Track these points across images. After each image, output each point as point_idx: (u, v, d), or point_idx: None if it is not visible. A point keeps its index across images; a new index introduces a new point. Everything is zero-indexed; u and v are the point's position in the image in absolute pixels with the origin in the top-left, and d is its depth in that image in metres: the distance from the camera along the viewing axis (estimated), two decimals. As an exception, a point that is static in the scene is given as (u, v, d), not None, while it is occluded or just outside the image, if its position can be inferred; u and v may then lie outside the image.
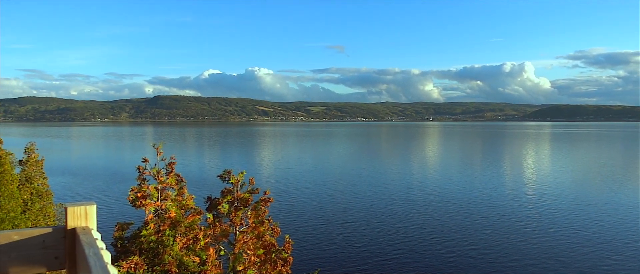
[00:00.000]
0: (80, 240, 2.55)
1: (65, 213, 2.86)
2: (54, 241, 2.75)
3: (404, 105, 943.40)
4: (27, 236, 2.67)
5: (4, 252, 2.58)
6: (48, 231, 2.75)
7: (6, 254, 2.59)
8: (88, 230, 2.77)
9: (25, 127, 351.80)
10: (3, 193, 23.75)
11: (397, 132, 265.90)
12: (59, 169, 67.54)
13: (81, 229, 2.74)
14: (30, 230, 2.73)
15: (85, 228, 2.82)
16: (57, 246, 2.75)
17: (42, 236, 2.72)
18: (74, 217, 2.79)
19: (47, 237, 2.73)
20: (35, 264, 2.72)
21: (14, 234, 2.65)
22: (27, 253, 2.65)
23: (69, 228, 2.78)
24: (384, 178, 61.01)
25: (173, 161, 9.50)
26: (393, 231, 33.77)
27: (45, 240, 2.72)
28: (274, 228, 9.54)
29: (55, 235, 2.76)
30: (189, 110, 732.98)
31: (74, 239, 2.73)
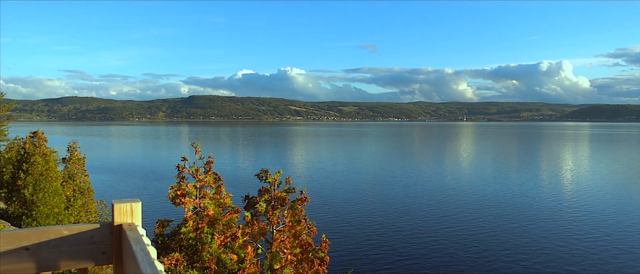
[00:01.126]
0: (127, 236, 2.61)
1: (112, 209, 2.88)
2: (101, 236, 2.81)
3: (437, 105, 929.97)
4: (77, 231, 2.73)
5: (55, 246, 2.65)
6: (96, 226, 2.81)
7: (57, 249, 2.66)
8: (134, 226, 2.79)
9: (68, 126, 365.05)
10: (48, 189, 24.73)
11: (430, 132, 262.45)
12: (99, 166, 69.74)
13: (127, 225, 2.80)
14: (79, 226, 2.74)
15: (131, 224, 2.83)
16: (104, 241, 2.81)
17: (91, 231, 2.78)
18: (121, 213, 2.79)
19: (95, 232, 2.79)
20: (83, 259, 2.77)
21: (64, 229, 2.72)
22: (76, 247, 2.72)
23: (116, 224, 2.78)
24: (417, 179, 60.34)
25: (211, 159, 9.65)
26: (427, 231, 33.35)
27: (93, 236, 2.79)
28: (310, 227, 9.56)
29: (102, 231, 2.82)
30: (223, 110, 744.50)
31: (120, 235, 2.80)
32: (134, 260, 2.30)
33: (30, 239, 2.59)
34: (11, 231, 2.61)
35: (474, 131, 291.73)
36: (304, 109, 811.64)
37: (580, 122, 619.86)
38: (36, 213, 23.84)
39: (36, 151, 24.94)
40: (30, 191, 23.99)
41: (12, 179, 25.56)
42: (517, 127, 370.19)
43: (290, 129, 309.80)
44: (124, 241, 2.70)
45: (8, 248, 2.54)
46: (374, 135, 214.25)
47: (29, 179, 24.15)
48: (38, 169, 24.37)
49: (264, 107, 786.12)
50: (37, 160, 24.52)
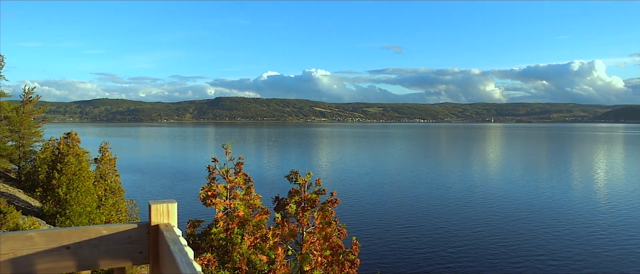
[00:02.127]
0: (164, 236, 2.64)
1: (149, 210, 2.92)
2: (138, 236, 2.85)
3: (463, 106, 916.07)
4: (115, 230, 2.78)
5: (95, 245, 2.70)
6: (133, 226, 2.85)
7: (97, 248, 2.71)
8: (170, 227, 2.83)
9: (99, 127, 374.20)
10: (81, 189, 25.34)
11: (456, 133, 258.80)
12: (129, 167, 71.16)
13: (164, 225, 2.84)
14: (118, 226, 2.80)
15: (168, 224, 2.85)
16: (141, 241, 2.85)
17: (128, 231, 2.83)
18: (157, 214, 2.84)
19: (133, 232, 2.84)
20: (121, 258, 2.81)
21: (103, 229, 2.77)
22: (114, 246, 2.77)
23: (153, 225, 2.83)
24: (445, 180, 59.54)
25: (241, 161, 9.69)
26: (456, 235, 32.84)
27: (131, 235, 2.83)
28: (340, 229, 9.50)
29: (139, 231, 2.86)
30: (249, 111, 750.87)
31: (157, 235, 2.84)
32: (173, 261, 2.32)
33: (71, 238, 2.64)
34: (53, 230, 2.65)
35: (502, 132, 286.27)
36: (329, 111, 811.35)
37: (614, 124, 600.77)
38: (69, 212, 24.43)
39: (70, 151, 25.57)
40: (64, 190, 24.60)
41: (47, 178, 26.28)
42: (547, 129, 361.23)
43: (315, 130, 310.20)
44: (160, 241, 2.75)
45: (50, 247, 2.59)
46: (400, 136, 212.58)
47: (63, 179, 24.76)
48: (71, 169, 24.97)
49: (289, 108, 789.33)
50: (70, 160, 25.13)
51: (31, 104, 37.44)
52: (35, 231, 2.60)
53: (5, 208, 21.18)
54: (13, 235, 2.53)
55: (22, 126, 35.60)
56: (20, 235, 2.54)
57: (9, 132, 35.96)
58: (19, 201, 28.43)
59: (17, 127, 35.56)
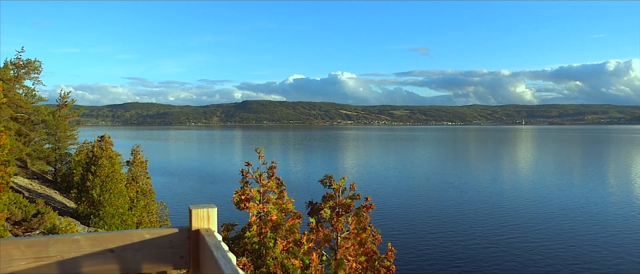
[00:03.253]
0: (206, 242, 2.63)
1: (189, 214, 2.92)
2: (179, 241, 2.86)
3: (493, 108, 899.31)
4: (157, 235, 2.80)
5: (137, 249, 2.74)
6: (174, 231, 2.86)
7: (139, 252, 2.75)
8: (211, 232, 2.82)
9: (130, 130, 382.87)
10: (113, 191, 25.88)
11: (486, 136, 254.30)
12: (158, 169, 72.44)
13: (204, 230, 2.84)
14: (159, 230, 2.83)
15: (209, 230, 2.87)
16: (182, 246, 2.86)
17: (169, 236, 2.84)
18: (198, 219, 2.87)
19: (174, 237, 2.85)
20: (162, 262, 2.84)
21: (146, 233, 2.80)
22: (156, 251, 2.79)
23: (193, 229, 2.85)
24: (477, 184, 58.44)
25: (274, 165, 9.70)
26: (491, 240, 32.14)
27: (172, 240, 2.84)
28: (375, 235, 9.39)
29: (180, 236, 2.87)
30: (275, 114, 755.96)
31: (197, 240, 2.85)
32: (217, 266, 2.34)
33: (115, 242, 2.69)
34: (98, 234, 2.71)
35: (534, 134, 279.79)
36: (355, 113, 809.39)
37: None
38: (103, 213, 24.97)
39: (103, 154, 26.15)
40: (97, 192, 25.15)
41: (82, 180, 26.92)
42: (581, 131, 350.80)
43: (342, 133, 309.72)
44: (202, 246, 2.75)
45: (95, 250, 2.64)
46: (428, 139, 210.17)
47: (97, 181, 25.33)
48: (105, 171, 25.52)
49: (315, 111, 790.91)
50: (104, 163, 25.69)
51: (66, 108, 38.52)
52: (82, 235, 2.66)
53: (42, 209, 21.79)
54: (61, 238, 2.59)
55: (58, 129, 36.65)
56: (68, 238, 2.60)
57: (46, 136, 37.06)
58: (55, 201, 29.23)
59: (54, 130, 36.62)
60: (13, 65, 34.39)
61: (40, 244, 2.53)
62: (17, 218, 20.15)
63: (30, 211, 21.18)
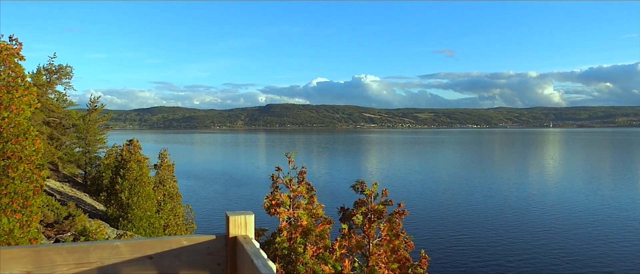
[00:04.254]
0: (244, 249, 2.62)
1: (226, 221, 2.92)
2: (216, 248, 2.86)
3: (519, 110, 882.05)
4: (195, 241, 2.81)
5: (176, 256, 2.74)
6: (212, 238, 2.87)
7: (178, 258, 2.75)
8: (249, 239, 2.81)
9: (157, 134, 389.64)
10: (141, 194, 26.26)
11: (513, 139, 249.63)
12: (184, 173, 73.35)
13: (242, 237, 2.83)
14: (197, 237, 2.84)
15: (246, 237, 2.87)
16: (220, 252, 2.87)
17: (207, 242, 2.85)
18: (235, 225, 2.86)
19: (211, 244, 2.85)
20: (200, 269, 2.84)
21: (184, 239, 2.81)
22: (194, 257, 2.80)
23: (231, 236, 2.85)
24: (507, 189, 57.24)
25: (304, 170, 9.64)
26: (522, 246, 31.39)
27: (209, 247, 2.85)
28: (407, 242, 9.22)
29: (218, 242, 2.87)
30: (299, 117, 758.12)
31: (234, 247, 2.84)
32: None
33: (154, 249, 2.70)
34: (137, 240, 2.72)
35: (562, 137, 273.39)
36: (378, 116, 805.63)
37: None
38: (131, 215, 25.35)
39: (131, 157, 26.59)
40: (126, 194, 25.56)
41: (111, 183, 27.42)
42: (612, 134, 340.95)
43: (366, 136, 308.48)
44: (240, 253, 2.75)
45: (134, 256, 2.66)
46: (454, 142, 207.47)
47: (125, 184, 25.74)
48: (133, 174, 25.93)
49: (338, 114, 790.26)
50: (132, 166, 26.11)
51: (96, 113, 39.37)
52: (121, 241, 2.67)
53: (74, 211, 22.26)
54: (101, 244, 2.62)
55: (88, 133, 37.47)
56: (108, 244, 2.62)
57: (77, 139, 37.94)
58: (85, 204, 29.85)
59: (84, 134, 37.46)
60: (46, 70, 35.33)
61: (82, 250, 2.57)
62: (49, 220, 20.62)
63: (62, 213, 21.66)
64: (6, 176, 10.90)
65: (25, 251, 2.46)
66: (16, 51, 11.88)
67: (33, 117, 27.42)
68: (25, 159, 11.27)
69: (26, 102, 11.73)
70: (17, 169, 11.07)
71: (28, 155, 11.32)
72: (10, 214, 10.86)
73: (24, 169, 11.26)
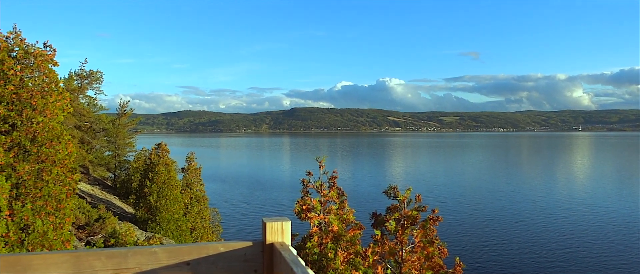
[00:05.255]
0: (282, 256, 2.61)
1: (263, 227, 2.90)
2: (253, 254, 2.85)
3: (547, 113, 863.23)
4: (232, 248, 2.80)
5: (212, 262, 2.75)
6: (249, 244, 2.85)
7: (214, 264, 2.75)
8: (286, 246, 2.79)
9: (183, 137, 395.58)
10: (169, 197, 26.57)
11: (541, 143, 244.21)
12: (210, 176, 74.09)
13: (279, 244, 2.82)
14: (233, 243, 2.82)
15: (283, 244, 2.84)
16: (256, 259, 2.85)
17: (244, 249, 2.84)
18: (272, 232, 2.84)
19: (248, 250, 2.84)
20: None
21: (220, 246, 2.80)
22: (231, 264, 2.79)
23: (267, 243, 2.83)
24: (538, 195, 55.87)
25: (335, 174, 9.54)
26: (555, 252, 30.56)
27: (246, 253, 2.84)
28: (441, 249, 9.00)
29: (254, 249, 2.86)
30: (323, 121, 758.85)
31: (271, 254, 2.83)
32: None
33: (191, 255, 2.71)
34: (175, 246, 2.73)
35: (593, 141, 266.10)
36: (403, 120, 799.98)
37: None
38: (159, 218, 25.66)
39: (160, 161, 26.94)
40: (154, 198, 25.89)
41: (140, 186, 27.82)
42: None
43: (390, 140, 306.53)
44: (277, 260, 2.72)
45: (172, 262, 2.67)
46: (480, 146, 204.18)
47: (154, 187, 26.08)
48: (161, 178, 26.26)
49: (363, 118, 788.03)
50: (160, 169, 26.44)
51: (126, 117, 40.12)
52: (159, 247, 2.69)
53: (104, 214, 22.67)
54: (139, 250, 2.65)
55: (118, 137, 38.19)
56: (146, 250, 2.65)
57: (106, 143, 38.71)
58: (115, 207, 30.38)
59: (113, 138, 38.20)
60: (77, 76, 36.19)
61: (120, 256, 2.60)
62: (80, 223, 21.04)
63: (92, 216, 22.07)
64: (40, 179, 11.11)
65: (65, 256, 2.51)
66: (50, 57, 12.13)
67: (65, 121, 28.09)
68: (58, 162, 11.48)
69: (60, 107, 11.96)
70: (51, 172, 11.27)
71: (61, 159, 11.53)
72: (44, 217, 11.06)
73: (58, 173, 11.46)
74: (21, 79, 11.35)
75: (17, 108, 11.11)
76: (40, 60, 11.80)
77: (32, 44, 11.83)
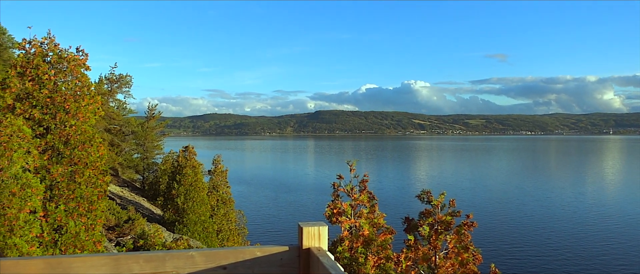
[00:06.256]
0: (320, 261, 2.60)
1: (299, 232, 2.89)
2: (289, 259, 2.85)
3: (577, 116, 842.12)
4: (268, 252, 2.80)
5: (249, 267, 2.75)
6: (285, 249, 2.85)
7: (251, 269, 2.76)
8: (323, 252, 2.77)
9: (209, 140, 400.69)
10: (196, 199, 26.82)
11: (571, 146, 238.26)
12: (235, 178, 74.68)
13: (316, 249, 2.81)
14: (270, 247, 2.82)
15: (320, 249, 2.82)
16: (292, 264, 2.85)
17: (280, 253, 2.83)
18: (309, 237, 2.83)
19: (284, 255, 2.84)
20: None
21: (257, 250, 2.80)
22: (267, 268, 2.79)
23: (304, 248, 2.82)
24: (571, 200, 54.40)
25: (366, 178, 9.44)
26: (590, 260, 29.67)
27: (282, 258, 2.84)
28: (475, 255, 8.79)
29: (291, 254, 2.86)
30: (347, 124, 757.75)
31: (308, 259, 2.83)
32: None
33: (228, 259, 2.73)
34: (212, 250, 2.76)
35: (625, 145, 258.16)
36: (428, 123, 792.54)
37: None
38: (186, 220, 25.91)
39: (187, 163, 27.23)
40: (181, 200, 26.17)
41: (167, 188, 28.17)
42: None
43: (416, 143, 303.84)
44: (315, 265, 2.72)
45: (209, 266, 2.69)
46: (509, 150, 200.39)
47: (181, 189, 26.36)
48: (188, 180, 26.52)
49: (387, 121, 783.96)
50: (188, 172, 26.72)
51: (154, 120, 40.81)
52: (196, 251, 2.71)
53: (133, 215, 23.04)
54: (177, 254, 2.68)
55: (146, 139, 38.85)
56: (183, 254, 2.68)
57: (135, 146, 39.42)
58: (144, 208, 30.86)
59: (142, 141, 38.88)
60: (107, 80, 37.00)
61: (158, 259, 2.63)
62: (110, 224, 21.41)
63: (122, 217, 22.44)
64: (73, 181, 11.33)
65: (105, 259, 2.57)
66: (82, 62, 12.38)
67: (96, 124, 28.73)
68: (90, 165, 11.69)
69: (91, 110, 12.19)
70: (83, 174, 11.49)
71: (93, 161, 11.74)
72: (76, 218, 11.28)
73: (90, 175, 11.68)
74: (55, 84, 11.61)
75: (51, 112, 11.37)
76: (73, 64, 12.05)
77: (65, 49, 12.10)
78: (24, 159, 8.59)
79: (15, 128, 8.62)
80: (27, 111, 10.59)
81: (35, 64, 11.17)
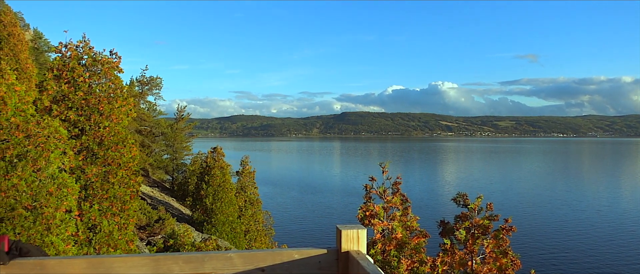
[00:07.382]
0: (360, 265, 2.58)
1: (338, 235, 2.85)
2: (327, 262, 2.83)
3: (611, 118, 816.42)
4: (306, 255, 2.79)
5: (287, 269, 2.76)
6: (323, 252, 2.83)
7: (289, 271, 2.76)
8: (363, 255, 2.73)
9: (236, 141, 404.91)
10: (224, 199, 27.05)
11: (606, 149, 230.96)
12: (263, 179, 74.97)
13: (355, 252, 2.78)
14: (308, 250, 2.80)
15: (359, 252, 2.77)
16: (330, 267, 2.83)
17: (318, 256, 2.82)
18: (348, 240, 2.79)
19: (322, 258, 2.83)
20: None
21: (295, 253, 2.81)
22: (305, 271, 2.79)
23: (343, 251, 2.78)
24: (607, 204, 52.68)
25: (399, 180, 9.26)
26: (628, 265, 28.63)
27: (320, 261, 2.82)
28: (514, 260, 8.51)
29: (329, 257, 2.84)
30: (373, 125, 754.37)
31: (346, 262, 2.81)
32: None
33: (266, 261, 2.72)
34: (250, 252, 2.76)
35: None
36: (456, 125, 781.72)
37: None
38: (214, 220, 26.16)
39: (215, 164, 27.50)
40: (210, 200, 26.43)
41: (196, 189, 28.51)
42: None
43: (443, 145, 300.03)
44: (354, 269, 2.69)
45: (247, 268, 2.70)
46: (540, 152, 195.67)
47: (209, 190, 26.63)
48: (217, 181, 26.77)
49: (414, 122, 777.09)
50: (216, 173, 26.98)
51: (183, 121, 41.41)
52: (234, 252, 2.73)
53: (163, 215, 23.39)
54: (215, 255, 2.70)
55: (176, 140, 39.44)
56: (221, 255, 2.70)
57: (165, 147, 40.06)
58: (173, 208, 31.31)
59: (172, 142, 39.48)
60: (138, 82, 37.73)
61: (197, 260, 2.66)
62: (142, 223, 21.78)
63: (152, 217, 22.79)
64: (107, 181, 11.53)
65: (145, 259, 2.62)
66: (116, 65, 12.60)
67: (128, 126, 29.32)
68: (123, 165, 11.87)
69: (124, 112, 12.38)
70: (116, 175, 11.67)
71: (126, 162, 11.92)
72: (110, 217, 11.47)
73: (122, 175, 11.86)
74: (90, 86, 11.84)
75: (86, 113, 11.60)
76: (107, 67, 12.28)
77: (99, 52, 12.35)
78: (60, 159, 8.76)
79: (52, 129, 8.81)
80: (63, 113, 10.82)
81: (71, 67, 11.42)
